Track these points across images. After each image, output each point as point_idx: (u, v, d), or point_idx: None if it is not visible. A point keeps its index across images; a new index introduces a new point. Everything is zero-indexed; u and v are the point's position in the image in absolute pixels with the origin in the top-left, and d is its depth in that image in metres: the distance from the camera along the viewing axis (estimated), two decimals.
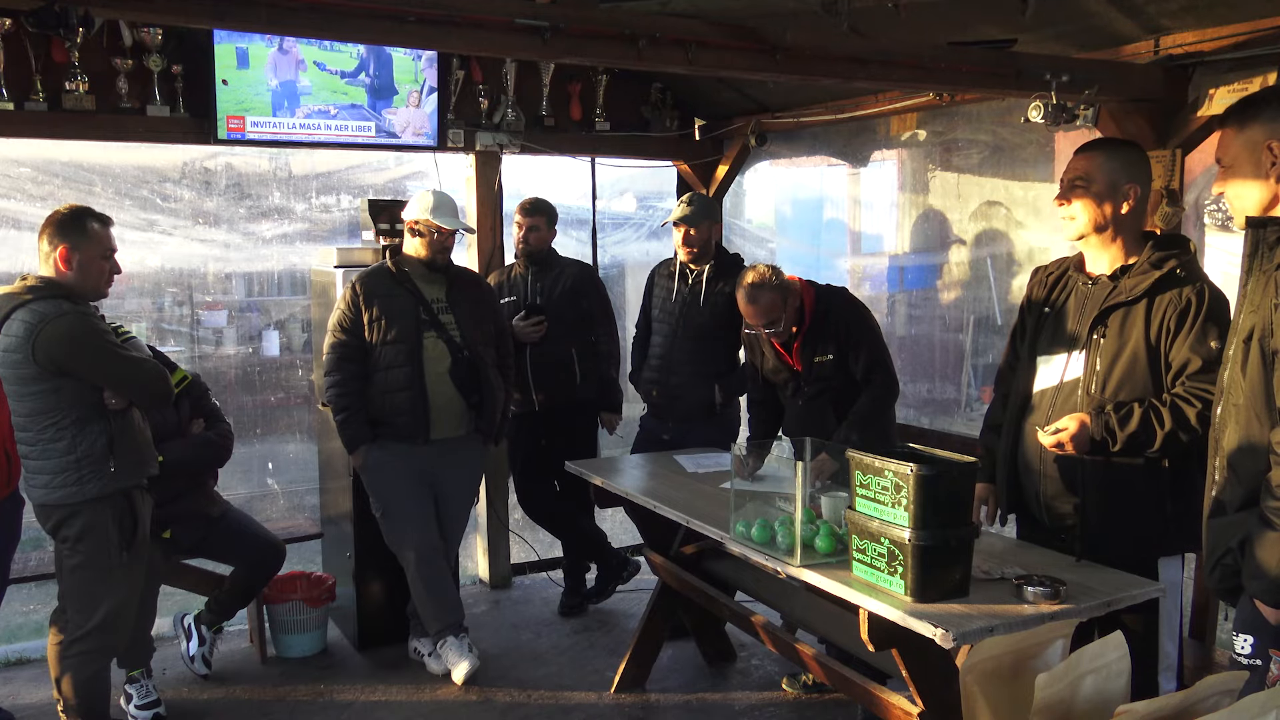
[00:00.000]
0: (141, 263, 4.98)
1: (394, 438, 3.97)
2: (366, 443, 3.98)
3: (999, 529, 3.05)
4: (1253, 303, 2.04)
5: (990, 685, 2.41)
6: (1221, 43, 3.16)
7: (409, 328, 3.93)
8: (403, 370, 3.92)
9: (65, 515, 3.17)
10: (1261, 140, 2.07)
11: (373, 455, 4.00)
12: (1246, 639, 2.02)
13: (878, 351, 3.68)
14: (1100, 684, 1.87)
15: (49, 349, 3.04)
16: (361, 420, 3.97)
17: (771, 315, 3.61)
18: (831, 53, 3.15)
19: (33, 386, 3.09)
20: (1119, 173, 2.65)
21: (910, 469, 2.39)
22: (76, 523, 3.17)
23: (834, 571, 2.69)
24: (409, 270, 4.02)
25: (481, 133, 4.91)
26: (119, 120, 4.15)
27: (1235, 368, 2.06)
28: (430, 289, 4.03)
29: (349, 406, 3.96)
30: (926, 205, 4.70)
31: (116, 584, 3.25)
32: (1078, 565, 2.66)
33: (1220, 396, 2.11)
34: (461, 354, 3.98)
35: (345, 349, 3.97)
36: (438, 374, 3.97)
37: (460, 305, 4.04)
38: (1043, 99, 3.24)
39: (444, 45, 3.06)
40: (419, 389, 3.92)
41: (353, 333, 3.96)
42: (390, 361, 3.93)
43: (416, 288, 4.00)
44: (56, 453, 3.12)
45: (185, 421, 3.98)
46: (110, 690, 3.42)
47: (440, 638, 4.08)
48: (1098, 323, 2.67)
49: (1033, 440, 2.72)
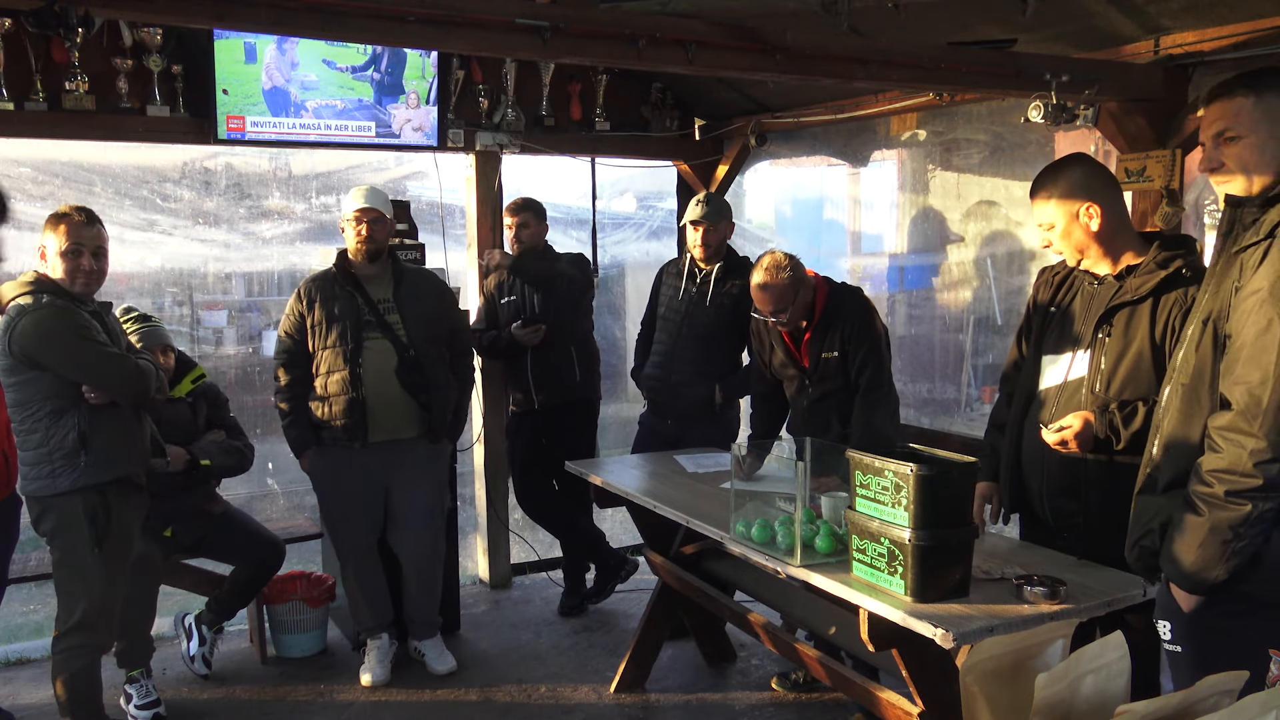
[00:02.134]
0: (141, 263, 4.98)
1: (334, 442, 3.99)
2: (310, 446, 4.02)
3: (1001, 528, 3.05)
4: (1217, 284, 2.02)
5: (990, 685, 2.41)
6: (1221, 43, 3.16)
7: (349, 330, 3.92)
8: (341, 373, 3.92)
9: (41, 509, 3.20)
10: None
11: (316, 459, 4.04)
12: (1165, 624, 2.03)
13: (877, 359, 3.63)
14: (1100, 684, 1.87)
15: (21, 341, 3.08)
16: (304, 424, 4.00)
17: (780, 304, 3.59)
18: (831, 53, 3.15)
19: (12, 378, 3.15)
20: (1067, 203, 2.65)
21: (910, 469, 2.40)
22: (51, 516, 3.19)
23: (834, 571, 2.69)
24: (354, 271, 4.02)
25: (481, 133, 4.91)
26: (119, 120, 4.15)
27: (1190, 348, 2.04)
28: (377, 289, 4.01)
29: (292, 411, 4.01)
30: (926, 205, 4.70)
31: (92, 580, 3.23)
32: (1078, 565, 2.66)
33: (1170, 375, 2.10)
34: (407, 353, 3.97)
35: (289, 354, 4.01)
36: (383, 375, 3.95)
37: (407, 304, 4.02)
38: (1043, 99, 3.24)
39: (444, 45, 3.06)
40: (356, 392, 3.91)
41: (295, 337, 4.00)
42: (330, 365, 3.94)
43: (361, 287, 3.99)
44: (32, 444, 3.17)
45: (201, 422, 4.01)
46: (101, 687, 3.41)
47: (366, 637, 4.18)
48: (1103, 322, 2.67)
49: (1036, 438, 2.72)
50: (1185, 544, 1.94)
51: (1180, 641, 2.00)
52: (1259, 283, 1.90)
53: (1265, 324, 1.86)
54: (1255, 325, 1.88)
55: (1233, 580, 1.91)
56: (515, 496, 5.08)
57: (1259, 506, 1.86)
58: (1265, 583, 1.91)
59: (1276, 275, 1.87)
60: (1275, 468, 1.84)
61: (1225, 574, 1.91)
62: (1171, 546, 1.96)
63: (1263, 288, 1.89)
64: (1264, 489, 1.85)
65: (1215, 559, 1.91)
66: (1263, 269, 1.90)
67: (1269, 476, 1.85)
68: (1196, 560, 1.92)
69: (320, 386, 3.96)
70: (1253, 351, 1.87)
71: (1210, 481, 1.90)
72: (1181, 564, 1.95)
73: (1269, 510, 1.87)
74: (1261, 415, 1.84)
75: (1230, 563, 1.90)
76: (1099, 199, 2.64)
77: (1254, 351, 1.87)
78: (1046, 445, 2.65)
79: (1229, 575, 1.91)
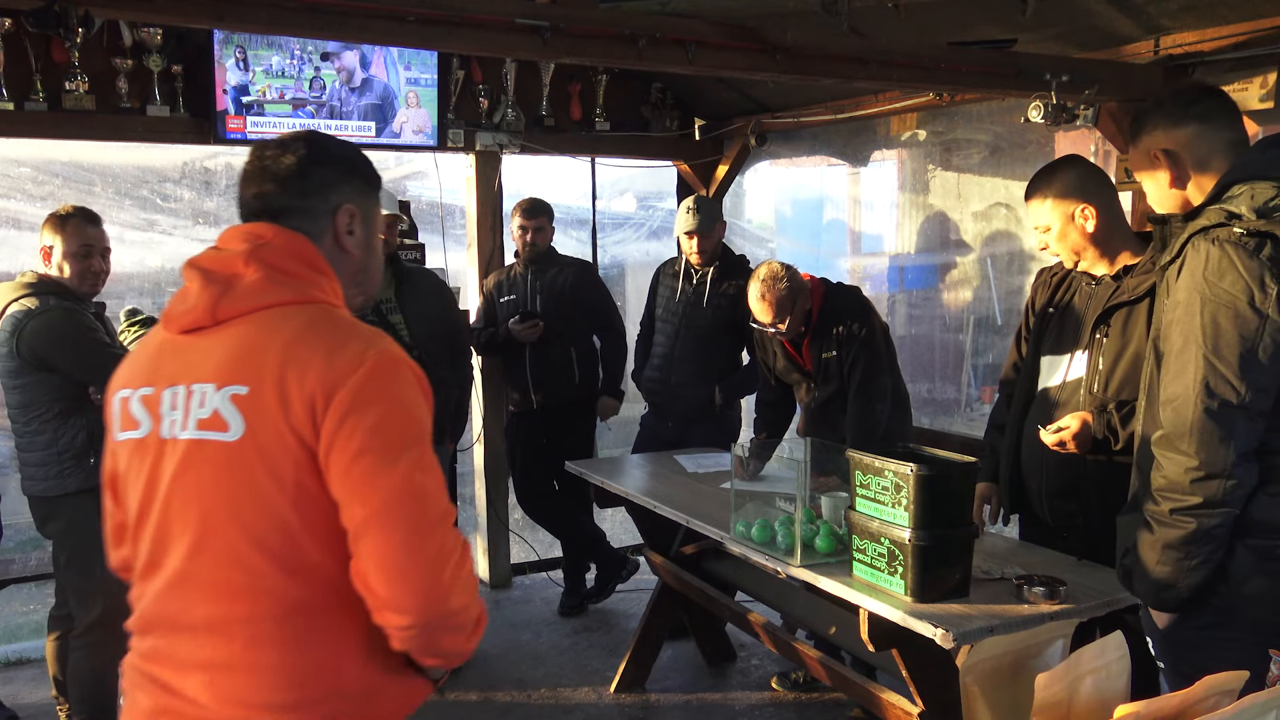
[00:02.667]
0: (141, 263, 4.98)
1: None
2: None
3: (1001, 528, 3.05)
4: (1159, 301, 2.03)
5: (990, 685, 2.41)
6: (1221, 43, 3.16)
7: None
8: None
9: (49, 510, 3.21)
10: (1150, 148, 2.08)
11: None
12: (1150, 640, 2.03)
13: (869, 355, 3.59)
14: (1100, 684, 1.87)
15: (31, 342, 3.08)
16: None
17: (779, 315, 3.58)
18: (831, 53, 3.15)
19: (18, 379, 3.15)
20: (1063, 204, 2.65)
21: (910, 469, 2.39)
22: (60, 517, 3.19)
23: (834, 571, 2.69)
24: None
25: (481, 133, 4.91)
26: (119, 120, 4.15)
27: (1149, 365, 2.04)
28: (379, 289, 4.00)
29: None
30: (927, 205, 4.70)
31: (108, 579, 3.24)
32: (1078, 565, 2.66)
33: (1141, 393, 2.11)
34: (410, 353, 3.95)
35: None
36: None
37: (409, 304, 4.00)
38: (1043, 99, 3.24)
39: (444, 45, 3.06)
40: None
41: None
42: None
43: None
44: (39, 445, 3.16)
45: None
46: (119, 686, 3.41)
47: None
48: (1101, 322, 2.67)
49: (1035, 439, 2.72)
50: (1146, 563, 1.93)
51: (1162, 658, 2.00)
52: (1176, 298, 1.90)
53: (1181, 343, 1.86)
54: (1176, 343, 1.88)
55: (1202, 594, 1.90)
56: (515, 496, 5.08)
57: (1204, 523, 1.84)
58: (1235, 595, 1.89)
59: (1189, 291, 1.87)
60: (1212, 484, 1.82)
61: (1186, 592, 1.89)
62: (1136, 564, 1.96)
63: (1180, 304, 1.88)
64: (1205, 505, 1.83)
65: (1175, 576, 1.89)
66: (1179, 285, 1.90)
67: (1207, 494, 1.83)
68: (1157, 578, 1.92)
69: None
70: (1174, 371, 1.87)
71: (1158, 500, 1.90)
72: (1145, 582, 1.94)
73: (1217, 526, 1.84)
74: (1188, 434, 1.83)
75: (1190, 579, 1.88)
76: (1094, 200, 2.64)
77: (1174, 371, 1.87)
78: (1045, 446, 2.65)
79: (1190, 593, 1.89)
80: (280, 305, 1.44)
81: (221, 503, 1.38)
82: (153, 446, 1.45)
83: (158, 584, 1.45)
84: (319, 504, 1.36)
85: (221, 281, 1.44)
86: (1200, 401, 1.82)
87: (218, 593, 1.39)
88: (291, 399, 1.35)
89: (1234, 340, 1.80)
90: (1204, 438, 1.81)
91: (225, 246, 1.50)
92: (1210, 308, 1.82)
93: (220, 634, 1.39)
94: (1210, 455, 1.82)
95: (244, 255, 1.45)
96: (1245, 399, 1.80)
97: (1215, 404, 1.81)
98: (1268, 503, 1.86)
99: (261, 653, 1.38)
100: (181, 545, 1.41)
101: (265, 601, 1.38)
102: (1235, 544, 1.87)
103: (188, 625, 1.41)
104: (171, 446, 1.43)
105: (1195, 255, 1.87)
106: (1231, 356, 1.80)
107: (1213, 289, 1.83)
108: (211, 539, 1.39)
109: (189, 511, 1.41)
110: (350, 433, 1.34)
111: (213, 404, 1.39)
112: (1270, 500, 1.86)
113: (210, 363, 1.41)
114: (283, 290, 1.45)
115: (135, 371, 1.53)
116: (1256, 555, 1.87)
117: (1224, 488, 1.82)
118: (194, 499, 1.40)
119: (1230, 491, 1.83)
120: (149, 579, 1.47)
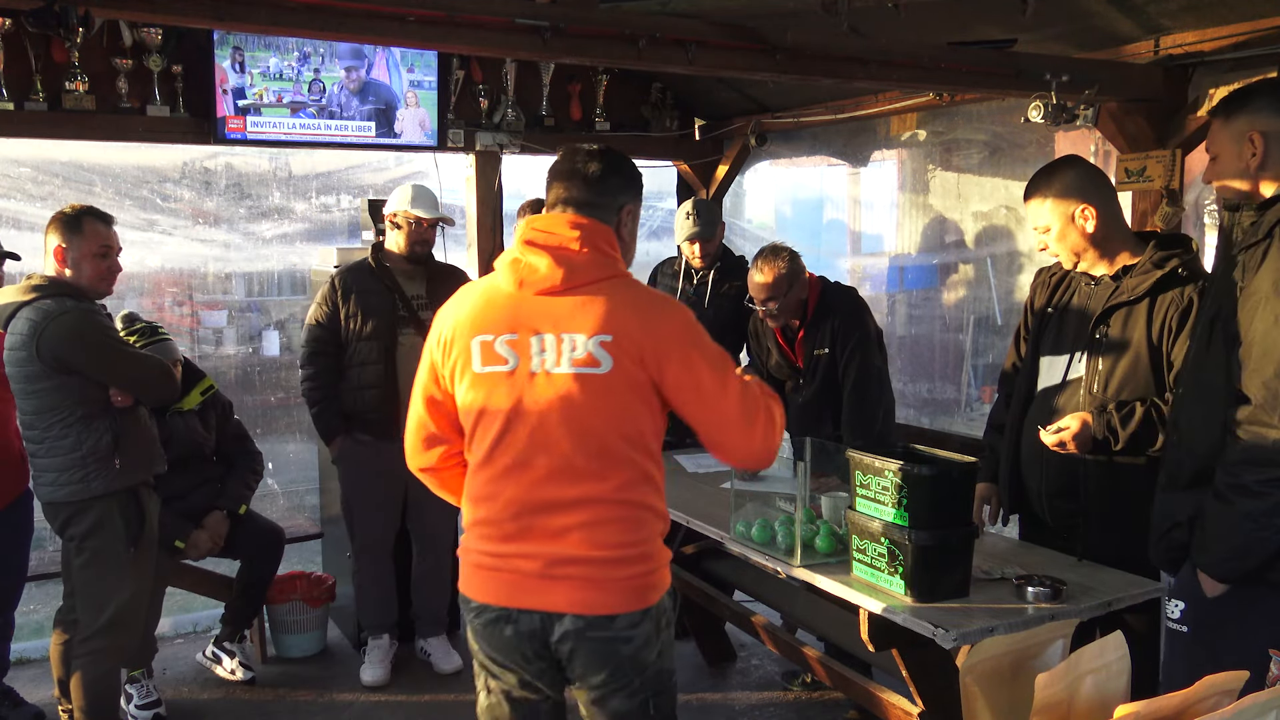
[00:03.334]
0: (141, 263, 4.99)
1: (365, 433, 3.99)
2: (340, 434, 4.02)
3: (1000, 529, 3.05)
4: (1222, 284, 2.08)
5: (990, 685, 2.41)
6: (1221, 43, 3.16)
7: (385, 324, 3.94)
8: (375, 367, 3.94)
9: (72, 512, 3.18)
10: (1245, 130, 2.09)
11: (345, 446, 4.04)
12: (1178, 604, 2.10)
13: (864, 354, 3.60)
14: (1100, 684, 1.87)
15: (53, 346, 3.04)
16: (334, 412, 4.00)
17: (773, 292, 3.59)
18: (831, 53, 3.15)
19: (38, 384, 3.10)
20: (1063, 204, 2.66)
21: (910, 469, 2.40)
22: (83, 520, 3.17)
23: (834, 571, 2.69)
24: (390, 266, 4.03)
25: (481, 133, 4.91)
26: (119, 120, 4.15)
27: (1201, 346, 2.10)
28: (411, 285, 4.04)
29: (322, 399, 4.00)
30: (926, 205, 4.70)
31: (124, 581, 3.25)
32: (1078, 565, 2.66)
33: (1181, 373, 2.15)
34: None
35: (320, 342, 3.99)
36: (414, 371, 3.95)
37: (440, 302, 4.00)
38: (1043, 99, 3.24)
39: (444, 45, 3.06)
40: (390, 386, 3.93)
41: (329, 326, 3.98)
42: (364, 357, 3.95)
43: (396, 283, 4.01)
44: (62, 450, 3.12)
45: (212, 433, 4.03)
46: (120, 692, 3.42)
47: (368, 636, 4.18)
48: (1100, 322, 2.67)
49: (1035, 439, 2.72)
50: (1217, 532, 1.99)
51: (1190, 623, 2.06)
52: (1260, 282, 1.96)
53: (1272, 320, 1.92)
54: (1263, 322, 1.94)
55: (1261, 568, 1.97)
56: None
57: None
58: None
59: (1275, 277, 1.93)
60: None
61: (1256, 562, 1.97)
62: (1204, 537, 2.02)
63: (1263, 287, 1.95)
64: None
65: (1247, 547, 1.97)
66: (1264, 269, 1.96)
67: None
68: (1229, 549, 1.99)
69: (355, 378, 3.97)
70: (1264, 347, 1.93)
71: (1237, 473, 1.96)
72: (1214, 554, 2.01)
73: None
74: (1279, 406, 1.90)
75: (1261, 551, 1.96)
76: (1094, 200, 2.64)
77: (1265, 347, 1.93)
78: (1045, 446, 2.65)
79: (1259, 564, 1.97)
80: (611, 279, 2.03)
81: (599, 414, 1.99)
82: (523, 376, 2.01)
83: (532, 476, 2.01)
84: (655, 412, 2.06)
85: (566, 260, 2.01)
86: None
87: (590, 475, 2.00)
88: (639, 344, 1.98)
89: None
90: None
91: (552, 230, 2.05)
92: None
93: (593, 504, 2.01)
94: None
95: (577, 240, 2.02)
96: None
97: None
98: None
99: (622, 508, 2.04)
100: (562, 445, 1.99)
101: (623, 475, 2.03)
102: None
103: (565, 502, 2.00)
104: (545, 377, 2.00)
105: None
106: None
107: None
108: (591, 439, 1.99)
109: (570, 422, 1.99)
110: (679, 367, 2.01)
111: (586, 348, 1.98)
112: None
113: (577, 319, 1.99)
114: (607, 267, 2.04)
115: (490, 321, 2.06)
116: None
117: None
118: (574, 413, 1.98)
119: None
120: (518, 474, 2.03)
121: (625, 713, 2.09)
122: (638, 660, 2.07)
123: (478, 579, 2.10)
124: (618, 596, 2.04)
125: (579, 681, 2.09)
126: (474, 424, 2.08)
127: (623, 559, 2.04)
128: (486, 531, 2.08)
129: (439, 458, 2.21)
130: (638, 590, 2.06)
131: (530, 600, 2.04)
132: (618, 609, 2.04)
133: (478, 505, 2.10)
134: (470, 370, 2.07)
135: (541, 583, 2.02)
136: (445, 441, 2.19)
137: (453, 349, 2.12)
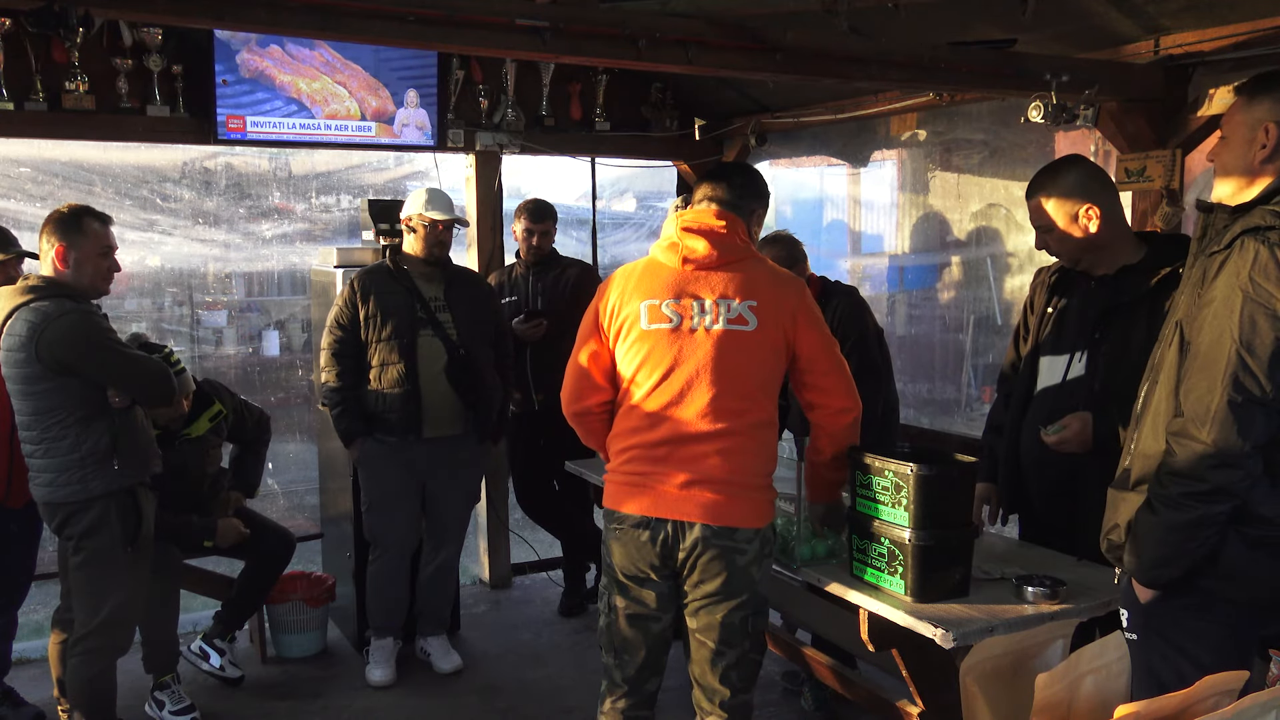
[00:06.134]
0: (141, 263, 4.99)
1: (387, 432, 3.99)
2: (361, 436, 4.02)
3: (1000, 529, 3.05)
4: (1191, 287, 2.05)
5: (990, 685, 2.41)
6: (1221, 43, 3.16)
7: (404, 325, 3.95)
8: (396, 367, 3.94)
9: (70, 513, 3.17)
10: (1263, 119, 2.03)
11: (367, 447, 4.03)
12: (1124, 612, 2.09)
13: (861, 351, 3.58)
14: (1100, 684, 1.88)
15: (53, 348, 3.03)
16: (355, 414, 4.00)
17: None
18: (831, 53, 3.15)
19: (37, 385, 3.09)
20: (1066, 204, 2.65)
21: (910, 469, 2.40)
22: (81, 520, 3.17)
23: (834, 571, 2.70)
24: (408, 268, 4.04)
25: (481, 133, 4.91)
26: (119, 120, 4.15)
27: (1164, 347, 2.08)
28: (429, 287, 4.04)
29: (343, 401, 3.99)
30: (926, 205, 4.70)
31: (121, 581, 3.25)
32: (1078, 565, 2.66)
33: (1149, 372, 2.13)
34: (457, 352, 3.99)
35: (341, 344, 3.99)
36: (433, 372, 3.98)
37: (458, 304, 4.06)
38: (1043, 99, 3.24)
39: (444, 45, 3.06)
40: (412, 386, 3.94)
41: (349, 329, 3.99)
42: (385, 358, 3.95)
43: (414, 285, 4.01)
44: (61, 450, 3.12)
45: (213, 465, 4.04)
46: (116, 690, 3.41)
47: (377, 636, 4.17)
48: (1100, 323, 2.67)
49: (1035, 439, 2.72)
50: (1144, 541, 1.98)
51: (1135, 630, 2.05)
52: (1214, 293, 1.94)
53: (1217, 335, 1.90)
54: (1209, 335, 1.91)
55: (1190, 576, 1.96)
56: (515, 496, 5.08)
57: (1211, 509, 1.90)
58: (1222, 580, 1.95)
59: (1230, 288, 1.90)
60: (1223, 473, 1.87)
61: (1179, 573, 1.96)
62: (1133, 542, 2.01)
63: (1217, 298, 1.92)
64: (1213, 493, 1.89)
65: (1170, 558, 1.95)
66: (1220, 279, 1.93)
67: (1217, 481, 1.88)
68: (1153, 558, 1.97)
69: (375, 379, 3.97)
70: (1204, 361, 1.91)
71: (1166, 483, 1.95)
72: (1140, 560, 2.00)
73: (1220, 513, 1.90)
74: (1209, 422, 1.88)
75: (1184, 562, 1.94)
76: (1098, 201, 2.64)
77: (1205, 361, 1.91)
78: (1045, 446, 2.65)
79: (1183, 574, 1.95)
80: (750, 259, 2.57)
81: (744, 364, 2.50)
82: (685, 333, 2.51)
83: (686, 411, 2.48)
84: (783, 367, 2.56)
85: (718, 241, 2.53)
86: (1226, 394, 1.86)
87: (731, 413, 2.48)
88: (777, 309, 2.52)
89: (1269, 341, 1.85)
90: (1225, 429, 1.87)
91: (702, 220, 2.56)
92: (1250, 306, 1.87)
93: (730, 435, 2.48)
94: (1228, 445, 1.87)
95: (724, 227, 2.55)
96: (1269, 395, 1.86)
97: (1240, 398, 1.86)
98: (1266, 494, 1.92)
99: (751, 441, 2.51)
100: (714, 388, 2.47)
101: (755, 416, 2.51)
102: (1229, 531, 1.93)
103: (709, 433, 2.47)
104: (704, 334, 2.50)
105: (1242, 253, 1.91)
106: (1264, 355, 1.85)
107: (1256, 289, 1.87)
108: (736, 383, 2.49)
109: (722, 369, 2.48)
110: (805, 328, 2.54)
111: (738, 310, 2.49)
112: (1269, 491, 1.92)
113: (730, 287, 2.51)
114: (747, 249, 2.58)
115: (656, 288, 2.54)
116: (1248, 543, 1.92)
117: (1234, 477, 1.88)
118: (727, 363, 2.48)
119: (1238, 481, 1.89)
120: (673, 409, 2.49)
121: (729, 624, 2.50)
122: (747, 573, 2.49)
123: (624, 493, 2.54)
124: (740, 512, 2.48)
125: (693, 591, 2.51)
126: (636, 370, 2.53)
127: (746, 483, 2.49)
128: (638, 454, 2.53)
129: (595, 403, 2.63)
130: (755, 510, 2.50)
131: (669, 510, 2.48)
132: (739, 523, 2.47)
133: (632, 435, 2.55)
134: (638, 327, 2.53)
135: (680, 496, 2.47)
136: (598, 390, 2.62)
137: (621, 311, 2.57)
